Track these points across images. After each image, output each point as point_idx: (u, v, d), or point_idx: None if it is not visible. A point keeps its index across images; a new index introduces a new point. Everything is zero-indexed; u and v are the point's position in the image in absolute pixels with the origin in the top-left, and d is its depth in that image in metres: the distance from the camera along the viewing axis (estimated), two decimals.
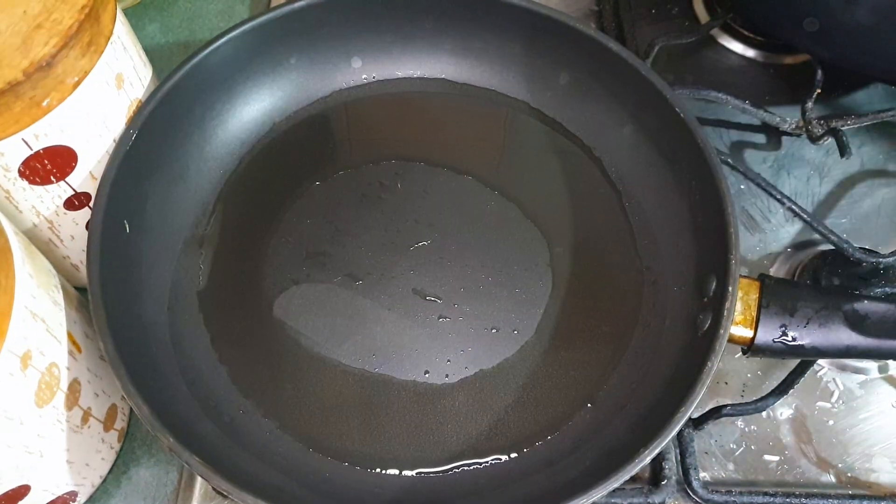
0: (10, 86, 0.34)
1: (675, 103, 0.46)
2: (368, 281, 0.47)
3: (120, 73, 0.41)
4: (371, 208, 0.50)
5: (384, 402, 0.43)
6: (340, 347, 0.45)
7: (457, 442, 0.42)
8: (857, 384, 0.48)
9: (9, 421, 0.34)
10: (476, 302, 0.47)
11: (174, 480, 0.45)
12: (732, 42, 0.62)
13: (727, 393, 0.48)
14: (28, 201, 0.40)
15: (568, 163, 0.52)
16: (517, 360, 0.45)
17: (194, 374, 0.43)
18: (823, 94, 0.55)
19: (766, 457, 0.46)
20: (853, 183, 0.56)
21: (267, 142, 0.51)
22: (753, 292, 0.41)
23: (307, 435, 0.42)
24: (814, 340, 0.40)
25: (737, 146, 0.57)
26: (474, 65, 0.54)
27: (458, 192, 0.51)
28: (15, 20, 0.35)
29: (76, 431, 0.39)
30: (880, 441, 0.47)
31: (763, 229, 0.54)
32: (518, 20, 0.50)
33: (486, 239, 0.49)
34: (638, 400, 0.43)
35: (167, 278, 0.45)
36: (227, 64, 0.48)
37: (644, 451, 0.36)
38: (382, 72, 0.54)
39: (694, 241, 0.46)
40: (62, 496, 0.41)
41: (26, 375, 0.34)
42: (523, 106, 0.53)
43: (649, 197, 0.49)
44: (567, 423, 0.43)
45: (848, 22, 0.47)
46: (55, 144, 0.38)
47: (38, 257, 0.37)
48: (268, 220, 0.49)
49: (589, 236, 0.49)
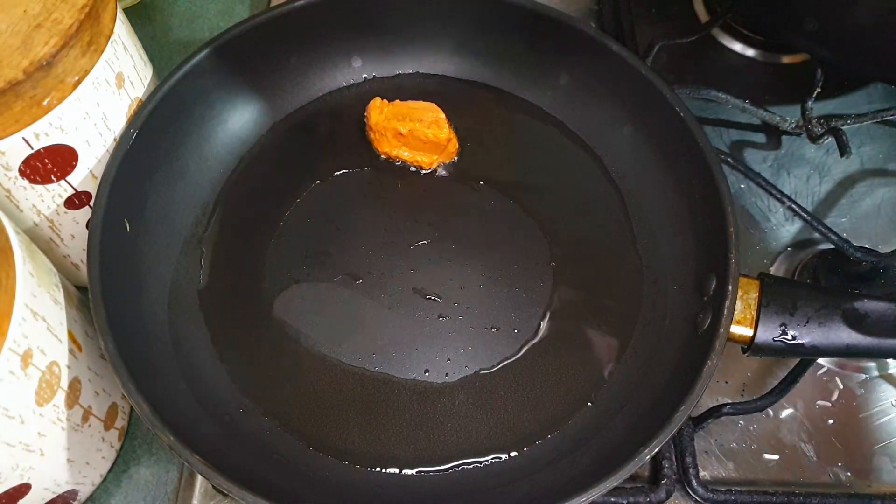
0: (10, 85, 0.34)
1: (675, 103, 0.46)
2: (368, 280, 0.47)
3: (120, 72, 0.41)
4: (371, 208, 0.50)
5: (384, 401, 0.43)
6: (340, 346, 0.45)
7: (457, 441, 0.43)
8: (857, 383, 0.48)
9: (9, 419, 0.34)
10: (476, 301, 0.47)
11: (174, 479, 0.45)
12: (732, 42, 0.62)
13: (727, 392, 0.48)
14: (29, 200, 0.40)
15: (568, 162, 0.52)
16: (517, 360, 0.45)
17: (194, 372, 0.43)
18: (823, 94, 0.55)
19: (766, 456, 0.46)
20: (853, 182, 0.56)
21: (267, 142, 0.51)
22: (753, 291, 0.41)
23: (307, 433, 0.42)
24: (814, 339, 0.40)
25: (737, 146, 0.57)
26: (475, 64, 0.54)
27: (458, 191, 0.51)
28: (15, 20, 0.35)
29: (77, 430, 0.39)
30: (880, 440, 0.47)
31: (763, 228, 0.54)
32: (518, 20, 0.50)
33: (486, 238, 0.49)
34: (638, 399, 0.43)
35: (167, 277, 0.45)
36: (228, 64, 0.48)
37: (644, 450, 0.36)
38: (382, 71, 0.54)
39: (694, 240, 0.46)
40: (63, 495, 0.41)
41: (27, 374, 0.34)
42: (524, 105, 0.53)
43: (649, 196, 0.50)
44: (567, 422, 0.43)
45: (848, 22, 0.47)
46: (56, 143, 0.38)
47: (38, 256, 0.37)
48: (268, 219, 0.49)
49: (589, 235, 0.49)
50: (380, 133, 0.50)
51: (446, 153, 0.51)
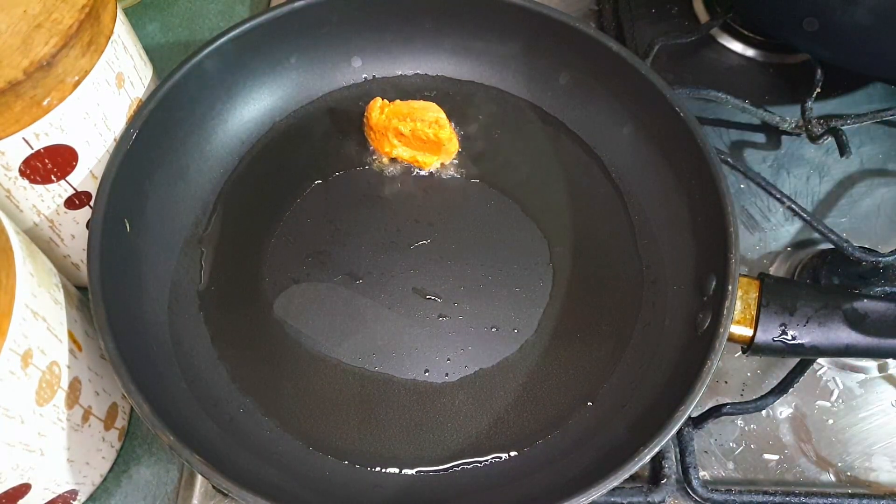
0: (10, 85, 0.34)
1: (674, 103, 0.46)
2: (368, 280, 0.47)
3: (120, 72, 0.41)
4: (371, 208, 0.50)
5: (384, 401, 0.43)
6: (340, 346, 0.45)
7: (457, 440, 0.43)
8: (856, 383, 0.48)
9: (9, 419, 0.34)
10: (476, 301, 0.47)
11: (174, 479, 0.45)
12: (732, 42, 0.62)
13: (727, 392, 0.48)
14: (29, 200, 0.40)
15: (568, 162, 0.52)
16: (517, 359, 0.45)
17: (195, 372, 0.43)
18: (823, 94, 0.55)
19: (766, 456, 0.46)
20: (853, 182, 0.56)
21: (267, 142, 0.51)
22: (753, 291, 0.41)
23: (307, 433, 0.42)
24: (813, 339, 0.40)
25: (737, 146, 0.57)
26: (475, 64, 0.54)
27: (458, 191, 0.51)
28: (15, 20, 0.35)
29: (77, 430, 0.39)
30: (880, 440, 0.47)
31: (763, 228, 0.54)
32: (518, 20, 0.50)
33: (486, 238, 0.49)
34: (638, 399, 0.43)
35: (167, 277, 0.45)
36: (228, 64, 0.48)
37: (644, 450, 0.36)
38: (383, 71, 0.54)
39: (694, 240, 0.46)
40: (63, 494, 0.41)
41: (27, 374, 0.34)
42: (523, 105, 0.53)
43: (649, 196, 0.50)
44: (567, 421, 0.43)
45: (848, 22, 0.47)
46: (56, 143, 0.38)
47: (38, 256, 0.37)
48: (268, 219, 0.49)
49: (589, 235, 0.49)
50: (380, 133, 0.50)
51: (446, 153, 0.51)
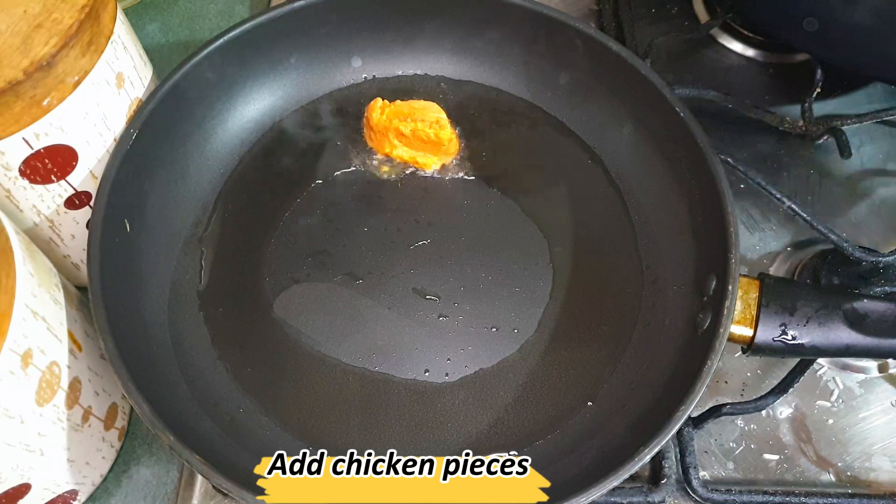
0: (10, 85, 0.34)
1: (674, 103, 0.46)
2: (368, 280, 0.47)
3: (120, 72, 0.41)
4: (371, 208, 0.50)
5: (384, 401, 0.43)
6: (340, 346, 0.45)
7: (457, 440, 0.42)
8: (856, 383, 0.48)
9: (9, 419, 0.34)
10: (476, 301, 0.47)
11: (174, 479, 0.45)
12: (732, 42, 0.62)
13: (727, 392, 0.48)
14: (29, 200, 0.40)
15: (568, 161, 0.52)
16: (517, 359, 0.45)
17: (194, 372, 0.43)
18: (823, 94, 0.55)
19: (766, 456, 0.46)
20: (853, 182, 0.56)
21: (267, 142, 0.51)
22: (753, 291, 0.41)
23: (307, 433, 0.42)
24: (813, 339, 0.40)
25: (736, 146, 0.57)
26: (474, 64, 0.54)
27: (458, 191, 0.51)
28: (15, 20, 0.35)
29: (77, 430, 0.39)
30: (880, 440, 0.47)
31: (763, 228, 0.54)
32: (518, 20, 0.50)
33: (486, 238, 0.49)
34: (638, 399, 0.43)
35: (167, 277, 0.45)
36: (228, 64, 0.48)
37: (644, 450, 0.36)
38: (383, 71, 0.54)
39: (694, 240, 0.46)
40: (63, 495, 0.41)
41: (27, 374, 0.34)
42: (523, 105, 0.53)
43: (649, 196, 0.50)
44: (567, 421, 0.43)
45: (848, 22, 0.47)
46: (56, 143, 0.38)
47: (38, 256, 0.37)
48: (268, 219, 0.49)
49: (589, 235, 0.49)
50: (380, 133, 0.50)
51: (447, 153, 0.51)
